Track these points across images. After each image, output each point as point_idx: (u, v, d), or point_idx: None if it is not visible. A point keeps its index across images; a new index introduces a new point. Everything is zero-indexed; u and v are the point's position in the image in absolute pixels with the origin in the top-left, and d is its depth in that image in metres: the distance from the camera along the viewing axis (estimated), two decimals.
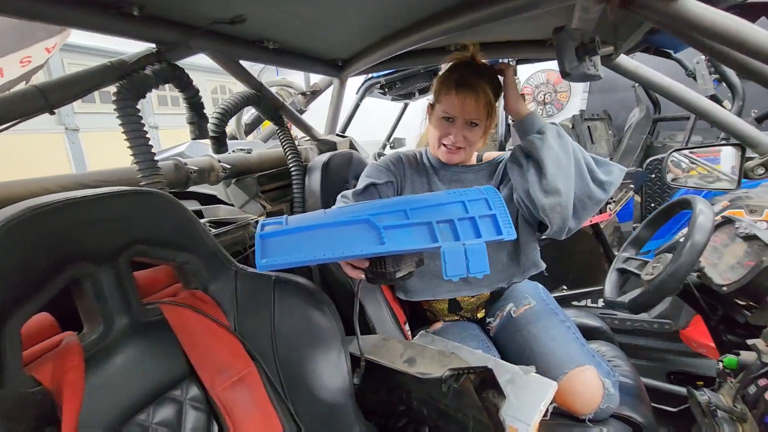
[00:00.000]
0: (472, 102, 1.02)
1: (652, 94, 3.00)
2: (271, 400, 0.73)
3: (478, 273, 0.58)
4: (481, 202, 0.67)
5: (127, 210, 0.63)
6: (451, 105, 1.04)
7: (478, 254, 0.59)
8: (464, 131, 1.06)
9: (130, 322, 0.64)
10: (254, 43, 1.08)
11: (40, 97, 0.69)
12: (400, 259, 0.67)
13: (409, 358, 0.79)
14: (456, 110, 1.04)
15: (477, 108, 1.03)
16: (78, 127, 3.94)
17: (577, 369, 0.93)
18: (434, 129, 1.11)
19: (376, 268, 0.67)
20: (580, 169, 1.01)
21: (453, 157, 1.10)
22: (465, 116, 1.04)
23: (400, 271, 0.67)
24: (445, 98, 1.06)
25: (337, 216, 0.67)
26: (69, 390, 0.50)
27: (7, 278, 0.49)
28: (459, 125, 1.06)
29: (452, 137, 1.07)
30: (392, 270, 0.66)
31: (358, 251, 0.61)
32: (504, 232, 0.63)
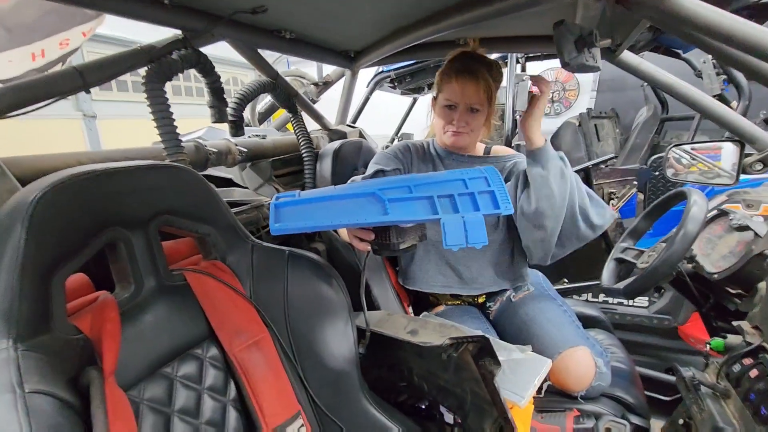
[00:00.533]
0: (473, 87, 1.06)
1: (660, 94, 3.01)
2: (283, 363, 0.79)
3: (477, 243, 0.62)
4: (480, 180, 0.72)
5: (159, 182, 0.68)
6: (452, 92, 1.08)
7: (476, 226, 0.63)
8: (466, 117, 1.10)
9: (158, 284, 0.70)
10: (272, 32, 1.13)
11: (77, 77, 0.75)
12: (404, 232, 0.72)
13: (412, 329, 0.85)
14: (457, 96, 1.07)
15: (477, 93, 1.06)
16: (95, 114, 4.03)
17: (570, 349, 0.98)
18: (438, 118, 1.15)
19: (382, 240, 0.72)
20: (573, 212, 1.05)
21: (458, 140, 1.13)
22: (466, 101, 1.07)
23: (404, 242, 0.72)
24: (447, 86, 1.09)
25: (346, 190, 0.73)
26: (107, 337, 0.56)
27: (55, 235, 0.55)
28: (461, 111, 1.09)
29: (455, 122, 1.11)
30: (396, 241, 0.71)
31: (364, 220, 0.66)
32: (501, 207, 0.67)
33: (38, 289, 0.53)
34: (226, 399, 0.73)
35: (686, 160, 1.43)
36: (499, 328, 1.17)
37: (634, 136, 2.77)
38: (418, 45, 1.40)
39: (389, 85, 2.77)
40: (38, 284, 0.53)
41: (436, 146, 1.24)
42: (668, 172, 1.39)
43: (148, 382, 0.63)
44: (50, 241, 0.54)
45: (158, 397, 0.64)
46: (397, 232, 0.71)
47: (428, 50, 1.52)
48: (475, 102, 1.08)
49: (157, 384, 0.64)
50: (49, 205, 0.54)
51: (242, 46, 1.11)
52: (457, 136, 1.13)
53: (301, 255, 0.86)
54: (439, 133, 1.18)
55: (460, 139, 1.14)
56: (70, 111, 3.87)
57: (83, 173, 0.58)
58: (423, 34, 1.26)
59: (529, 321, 1.08)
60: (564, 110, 4.82)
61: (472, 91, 1.06)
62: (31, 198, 0.53)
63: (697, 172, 1.40)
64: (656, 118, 2.82)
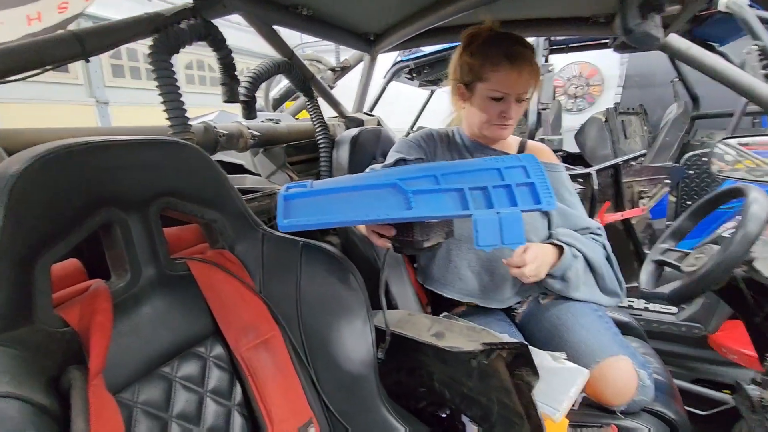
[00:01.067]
0: (526, 75, 0.95)
1: (692, 90, 2.86)
2: (294, 365, 0.72)
3: (513, 244, 0.54)
4: (518, 170, 0.63)
5: (161, 159, 0.61)
6: (504, 81, 0.95)
7: (513, 224, 0.55)
8: (516, 108, 0.99)
9: (157, 273, 0.62)
10: (288, 8, 1.05)
11: (76, 44, 0.68)
12: (429, 228, 0.64)
13: (437, 332, 0.76)
14: (509, 86, 0.95)
15: (529, 81, 0.96)
16: (108, 100, 4.03)
17: (610, 358, 0.88)
18: (479, 111, 1.02)
19: (404, 237, 0.64)
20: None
21: (504, 133, 1.03)
22: (518, 91, 0.96)
23: (428, 240, 0.63)
24: (494, 75, 0.95)
25: (364, 180, 0.64)
26: (96, 331, 0.49)
27: (40, 214, 0.48)
28: (510, 102, 0.97)
29: (506, 115, 0.99)
30: (420, 239, 0.62)
31: (383, 215, 0.58)
32: (543, 202, 0.59)
33: (18, 275, 0.46)
34: (230, 403, 0.65)
35: (731, 156, 1.32)
36: (526, 333, 1.08)
37: (664, 133, 2.63)
38: (439, 28, 1.31)
39: (407, 76, 2.67)
40: (18, 270, 0.46)
41: (463, 136, 1.15)
42: (713, 168, 1.28)
43: (143, 383, 0.56)
44: (33, 221, 0.47)
45: (155, 400, 0.56)
46: (421, 228, 0.62)
47: (451, 34, 1.44)
48: (525, 91, 0.97)
49: (154, 385, 0.57)
50: (32, 179, 0.47)
51: (256, 21, 1.03)
52: (504, 129, 1.02)
53: (316, 246, 0.78)
54: (477, 125, 1.05)
55: (505, 133, 1.04)
56: (84, 97, 3.87)
57: (73, 144, 0.51)
58: (448, 13, 1.18)
59: (562, 326, 0.99)
60: (587, 106, 4.66)
61: (525, 79, 0.95)
62: (12, 171, 0.46)
63: (744, 170, 1.29)
64: (687, 115, 2.68)
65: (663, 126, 2.77)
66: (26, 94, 3.36)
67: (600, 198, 1.86)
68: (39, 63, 0.66)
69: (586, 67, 4.55)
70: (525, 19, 1.25)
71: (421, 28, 1.28)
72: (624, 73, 4.26)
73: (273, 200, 1.09)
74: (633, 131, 2.76)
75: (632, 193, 1.91)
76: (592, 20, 1.15)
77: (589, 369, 0.86)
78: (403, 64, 2.52)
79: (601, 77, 4.54)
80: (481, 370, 0.74)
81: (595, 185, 1.82)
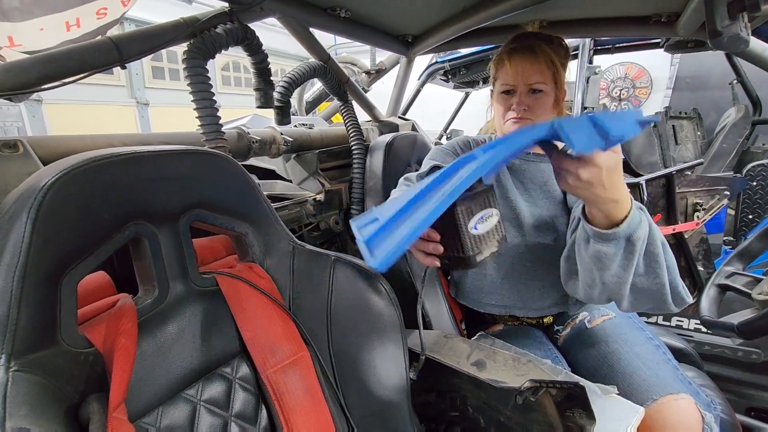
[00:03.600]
0: (528, 64, 0.90)
1: (753, 93, 2.64)
2: (323, 389, 0.68)
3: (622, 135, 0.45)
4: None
5: (191, 170, 0.59)
6: (508, 74, 0.93)
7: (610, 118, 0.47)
8: (527, 100, 0.93)
9: (186, 289, 0.60)
10: (326, 10, 1.02)
11: (113, 50, 0.67)
12: (480, 240, 0.57)
13: (477, 360, 0.70)
14: (512, 77, 0.92)
15: (538, 70, 0.90)
16: (148, 101, 4.18)
17: (669, 396, 0.79)
18: (497, 108, 1.00)
19: (453, 253, 0.58)
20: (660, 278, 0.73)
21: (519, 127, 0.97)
22: (524, 82, 0.91)
23: (481, 253, 0.56)
24: (501, 71, 0.95)
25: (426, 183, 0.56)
26: (120, 356, 0.46)
27: (68, 228, 0.46)
28: (520, 94, 0.93)
29: (515, 107, 0.94)
30: (471, 254, 0.56)
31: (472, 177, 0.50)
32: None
33: (43, 293, 0.44)
34: (255, 428, 0.62)
35: None
36: (569, 358, 1.00)
37: (720, 139, 2.43)
38: (479, 30, 1.24)
39: (442, 77, 2.60)
40: (44, 287, 0.44)
41: None
42: None
43: (166, 406, 0.53)
44: (61, 235, 0.45)
45: (178, 424, 0.54)
46: (472, 241, 0.55)
47: (490, 36, 1.37)
48: (536, 80, 0.91)
49: (178, 409, 0.54)
50: (61, 192, 0.45)
51: (293, 24, 1.01)
52: (519, 123, 0.95)
53: (348, 261, 0.74)
54: (499, 126, 1.01)
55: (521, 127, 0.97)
56: (125, 98, 4.04)
57: (104, 157, 0.49)
58: (491, 14, 1.11)
59: (612, 355, 0.90)
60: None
61: (530, 68, 0.90)
62: (42, 184, 0.44)
63: None
64: (747, 120, 2.46)
65: (719, 131, 2.57)
66: (72, 95, 3.54)
67: (650, 210, 1.73)
68: (78, 69, 0.65)
69: (633, 68, 4.30)
70: (576, 19, 1.16)
71: (461, 30, 1.22)
72: (674, 74, 4.00)
73: (304, 208, 1.06)
74: (685, 137, 2.56)
75: (686, 205, 1.76)
76: (654, 19, 1.05)
77: (645, 407, 0.78)
78: (438, 66, 2.45)
79: (648, 79, 4.28)
80: (524, 402, 0.67)
81: (644, 196, 1.69)
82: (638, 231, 0.65)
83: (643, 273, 0.71)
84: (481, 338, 1.03)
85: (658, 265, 0.70)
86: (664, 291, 0.72)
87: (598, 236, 0.67)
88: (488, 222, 0.58)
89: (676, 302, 0.74)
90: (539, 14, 1.19)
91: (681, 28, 1.02)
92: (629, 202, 0.65)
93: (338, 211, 1.22)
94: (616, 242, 0.66)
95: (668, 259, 0.73)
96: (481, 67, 2.43)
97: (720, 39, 0.52)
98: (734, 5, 0.50)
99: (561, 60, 0.94)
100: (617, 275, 0.70)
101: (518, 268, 1.00)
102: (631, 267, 0.69)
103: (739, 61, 2.57)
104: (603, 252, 0.67)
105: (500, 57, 0.96)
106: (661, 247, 0.71)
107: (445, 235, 0.58)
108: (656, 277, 0.71)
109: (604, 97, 4.41)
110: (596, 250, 0.68)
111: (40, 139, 0.64)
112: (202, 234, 0.70)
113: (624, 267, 0.69)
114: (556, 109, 0.98)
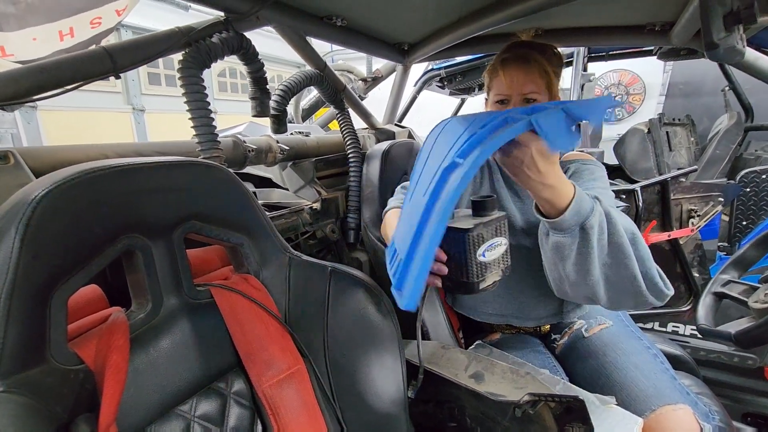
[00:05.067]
0: (522, 74, 0.90)
1: (745, 100, 2.67)
2: (319, 402, 0.67)
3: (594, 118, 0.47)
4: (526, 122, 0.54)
5: (186, 182, 0.58)
6: (502, 84, 0.93)
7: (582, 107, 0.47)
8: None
9: (180, 302, 0.59)
10: (322, 19, 1.02)
11: (107, 59, 0.66)
12: (485, 267, 0.57)
13: (475, 372, 0.70)
14: (507, 87, 0.92)
15: (531, 80, 0.90)
16: (144, 107, 4.17)
17: (667, 407, 0.78)
18: None
19: (457, 278, 0.57)
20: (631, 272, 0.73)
21: None
22: (518, 91, 0.91)
23: (485, 280, 0.56)
24: (495, 81, 0.95)
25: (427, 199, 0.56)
26: (111, 373, 0.45)
27: (58, 243, 0.45)
28: (514, 103, 0.93)
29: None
30: (475, 280, 0.55)
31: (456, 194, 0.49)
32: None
33: (32, 309, 0.43)
34: None
35: None
36: (567, 367, 0.99)
37: (714, 146, 2.45)
38: (475, 38, 1.25)
39: (438, 84, 2.61)
40: (32, 304, 0.43)
41: None
42: None
43: (160, 424, 0.52)
44: (51, 250, 0.44)
45: None
46: (478, 267, 0.55)
47: (485, 44, 1.38)
48: (530, 90, 0.91)
49: (171, 426, 0.53)
50: (52, 206, 0.44)
51: (289, 33, 1.00)
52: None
53: (345, 272, 0.73)
54: None
55: None
56: (121, 105, 4.02)
57: (96, 169, 0.48)
58: (487, 23, 1.11)
59: (610, 364, 0.90)
60: (627, 116, 4.44)
61: (524, 78, 0.90)
62: (31, 198, 0.43)
63: None
64: (740, 126, 2.49)
65: (712, 138, 2.59)
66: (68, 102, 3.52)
67: (645, 216, 1.74)
68: (71, 79, 0.64)
69: (626, 75, 4.34)
70: (571, 28, 1.17)
71: (457, 39, 1.23)
72: (667, 81, 4.04)
73: (300, 217, 1.05)
74: (678, 143, 2.58)
75: (681, 212, 1.77)
76: (648, 29, 1.06)
77: (644, 417, 0.77)
78: (435, 73, 2.46)
79: (642, 85, 4.33)
80: (523, 414, 0.67)
81: (640, 202, 1.70)
82: (590, 219, 0.67)
83: (611, 264, 0.72)
84: (479, 348, 1.03)
85: (624, 255, 0.71)
86: (637, 283, 0.72)
87: (551, 226, 0.69)
88: (496, 250, 0.58)
89: (655, 294, 0.75)
90: (535, 23, 1.20)
91: (675, 37, 1.03)
92: (571, 190, 0.67)
93: (335, 219, 1.22)
94: (570, 231, 0.68)
95: (640, 250, 0.73)
96: (476, 74, 2.44)
97: (716, 51, 0.53)
98: (730, 17, 0.51)
99: (554, 69, 0.95)
100: (578, 265, 0.71)
101: (515, 276, 0.99)
102: (591, 256, 0.70)
103: (730, 68, 2.60)
104: (560, 242, 0.70)
105: (494, 67, 0.96)
106: (626, 238, 0.71)
107: (451, 258, 0.58)
108: (625, 269, 0.72)
109: None
110: (554, 242, 0.71)
111: (31, 150, 0.63)
112: (196, 245, 0.70)
113: (584, 256, 0.70)
114: None
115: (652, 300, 0.75)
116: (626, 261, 0.71)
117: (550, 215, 0.68)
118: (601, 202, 0.72)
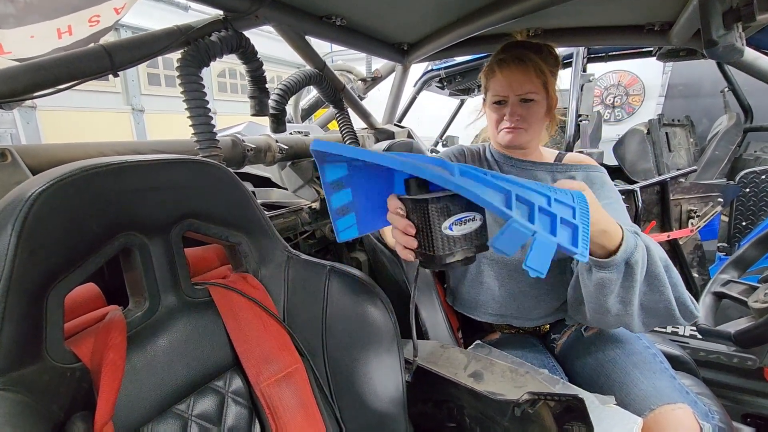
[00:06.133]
0: (520, 74, 0.91)
1: (744, 101, 2.67)
2: (318, 402, 0.67)
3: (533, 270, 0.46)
4: (567, 208, 0.55)
5: (184, 180, 0.58)
6: (499, 85, 0.94)
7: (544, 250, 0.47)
8: (520, 110, 0.94)
9: (178, 301, 0.59)
10: (322, 18, 1.02)
11: (105, 57, 0.66)
12: (453, 241, 0.55)
13: (474, 372, 0.70)
14: (505, 88, 0.93)
15: (528, 80, 0.91)
16: (143, 108, 4.16)
17: (667, 406, 0.78)
18: (489, 118, 1.01)
19: (425, 250, 0.56)
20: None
21: (515, 137, 0.96)
22: (515, 92, 0.93)
23: (452, 255, 0.54)
24: (492, 81, 0.96)
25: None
26: (108, 371, 0.45)
27: (55, 241, 0.45)
28: (512, 103, 0.94)
29: (508, 117, 0.95)
30: (441, 254, 0.54)
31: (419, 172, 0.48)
32: (579, 248, 0.51)
33: (28, 307, 0.42)
34: None
35: None
36: (566, 367, 0.99)
37: (713, 147, 2.45)
38: (475, 38, 1.25)
39: (437, 85, 2.62)
40: (29, 301, 0.42)
41: (492, 151, 1.08)
42: None
43: (157, 422, 0.52)
44: (48, 248, 0.44)
45: None
46: (443, 241, 0.54)
47: (485, 44, 1.39)
48: (527, 90, 0.92)
49: (169, 425, 0.53)
50: (48, 203, 0.44)
51: (289, 32, 1.00)
52: (513, 132, 0.96)
53: (344, 271, 0.73)
54: (493, 135, 1.03)
55: (517, 137, 0.96)
56: (121, 105, 4.02)
57: (93, 166, 0.48)
58: (486, 23, 1.12)
59: (609, 364, 0.90)
60: (626, 117, 4.45)
61: (521, 78, 0.91)
62: (28, 195, 0.43)
63: None
64: (739, 127, 2.49)
65: (711, 139, 2.60)
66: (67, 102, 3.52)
67: (645, 217, 1.74)
68: (69, 77, 0.64)
69: (626, 76, 4.35)
70: (570, 27, 1.17)
71: (457, 38, 1.23)
72: (666, 82, 4.05)
73: (299, 216, 1.05)
74: (678, 144, 2.59)
75: (680, 212, 1.77)
76: (647, 29, 1.06)
77: (643, 417, 0.77)
78: (434, 73, 2.46)
79: (641, 86, 4.33)
80: (522, 414, 0.66)
81: (639, 203, 1.70)
82: (635, 255, 0.68)
83: (648, 292, 0.74)
84: (478, 348, 1.02)
85: (660, 283, 0.73)
86: (671, 308, 0.74)
87: (598, 265, 0.69)
88: (467, 225, 0.55)
89: (685, 316, 0.77)
90: (534, 23, 1.20)
91: (674, 37, 1.03)
92: (619, 230, 0.67)
93: None
94: (616, 268, 0.68)
95: (673, 277, 0.75)
96: (475, 74, 2.45)
97: (715, 49, 0.52)
98: (729, 15, 0.51)
99: (550, 68, 0.95)
100: (620, 297, 0.73)
101: (515, 276, 0.99)
102: (634, 289, 0.71)
103: (729, 69, 2.60)
104: (605, 279, 0.70)
105: (490, 67, 0.97)
106: (661, 266, 0.73)
107: (419, 230, 0.56)
108: (661, 295, 0.74)
109: (598, 105, 4.46)
110: (599, 278, 0.70)
111: (29, 148, 0.63)
112: (194, 243, 0.69)
113: (627, 289, 0.71)
114: (549, 116, 1.00)
115: (681, 322, 0.77)
116: (662, 288, 0.73)
117: (599, 256, 0.68)
118: (640, 235, 0.73)
